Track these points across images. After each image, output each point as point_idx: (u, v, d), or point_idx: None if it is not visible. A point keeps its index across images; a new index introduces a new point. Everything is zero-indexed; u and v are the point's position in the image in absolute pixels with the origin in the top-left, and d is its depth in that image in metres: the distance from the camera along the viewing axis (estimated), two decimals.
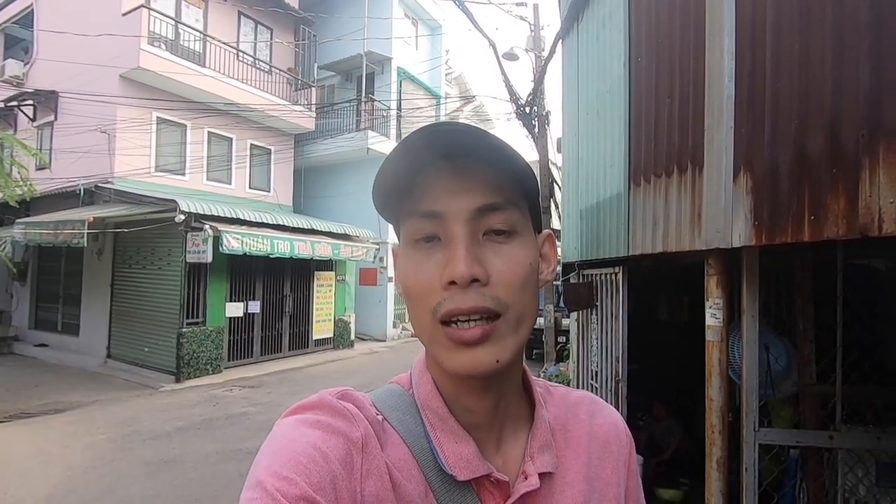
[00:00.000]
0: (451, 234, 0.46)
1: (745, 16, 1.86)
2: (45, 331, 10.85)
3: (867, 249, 2.55)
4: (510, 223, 0.48)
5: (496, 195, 0.47)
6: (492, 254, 0.46)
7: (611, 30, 3.24)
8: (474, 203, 0.46)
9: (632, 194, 2.83)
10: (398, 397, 0.53)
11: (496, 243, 0.47)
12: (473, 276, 0.44)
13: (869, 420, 2.35)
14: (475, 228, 0.46)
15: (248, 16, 11.57)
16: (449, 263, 0.45)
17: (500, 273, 0.46)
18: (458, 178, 0.46)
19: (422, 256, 0.47)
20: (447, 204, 0.46)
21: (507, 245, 0.47)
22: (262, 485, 0.39)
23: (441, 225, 0.47)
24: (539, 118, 8.46)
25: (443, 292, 0.45)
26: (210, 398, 7.06)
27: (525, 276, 0.47)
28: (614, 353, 3.21)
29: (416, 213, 0.48)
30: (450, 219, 0.46)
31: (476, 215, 0.46)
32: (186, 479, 4.27)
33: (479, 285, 0.45)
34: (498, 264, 0.46)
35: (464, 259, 0.44)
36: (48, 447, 5.00)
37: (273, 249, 8.51)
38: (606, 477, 0.57)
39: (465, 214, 0.46)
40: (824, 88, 1.56)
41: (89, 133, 9.15)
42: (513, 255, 0.47)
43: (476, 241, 0.46)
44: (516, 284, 0.46)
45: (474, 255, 0.45)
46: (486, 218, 0.47)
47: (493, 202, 0.47)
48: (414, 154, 0.45)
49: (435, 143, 0.44)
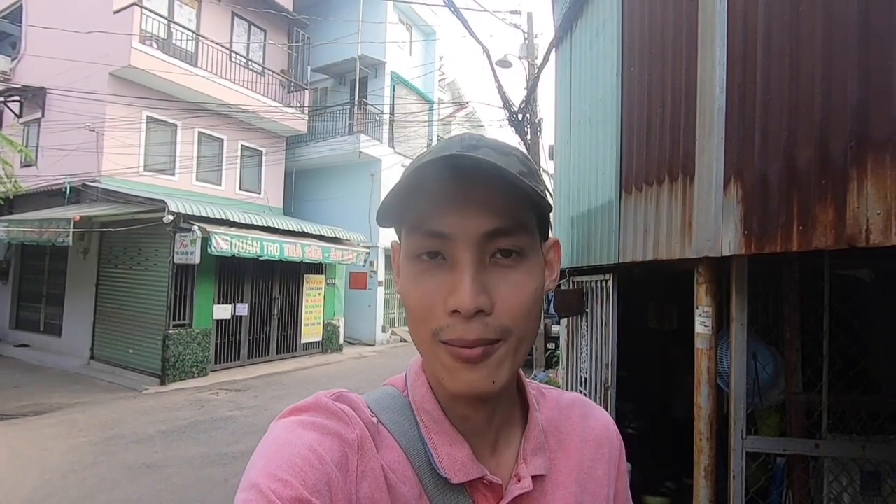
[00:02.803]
0: (458, 258, 0.45)
1: (737, 28, 1.89)
2: (26, 331, 10.64)
3: (853, 260, 2.59)
4: (519, 247, 0.46)
5: (506, 218, 0.45)
6: (498, 279, 0.45)
7: (604, 39, 3.27)
8: (483, 227, 0.45)
9: (623, 202, 2.85)
10: (393, 399, 0.53)
11: (503, 267, 0.46)
12: (478, 307, 0.43)
13: (854, 429, 2.37)
14: (482, 252, 0.45)
15: (241, 17, 11.52)
16: (454, 292, 0.44)
17: (505, 300, 0.45)
18: (468, 200, 0.45)
19: (425, 275, 0.46)
20: (455, 226, 0.45)
21: (514, 270, 0.46)
22: (257, 486, 0.38)
23: (447, 246, 0.45)
24: (531, 125, 8.52)
25: (446, 318, 0.44)
26: (195, 401, 6.96)
27: (530, 302, 0.46)
28: (604, 359, 3.23)
29: (422, 230, 0.46)
30: (457, 242, 0.45)
31: (484, 239, 0.45)
32: (170, 484, 4.19)
33: (483, 315, 0.44)
34: (503, 291, 0.45)
35: (469, 290, 0.43)
36: (26, 450, 4.88)
37: (262, 252, 8.45)
38: (598, 478, 0.57)
39: (473, 238, 0.45)
40: (813, 100, 1.59)
41: (77, 130, 9.03)
42: (519, 281, 0.46)
43: (482, 266, 0.45)
44: (521, 312, 0.46)
45: (480, 283, 0.44)
46: (494, 241, 0.45)
47: (502, 226, 0.45)
48: (425, 174, 0.43)
49: (447, 168, 0.43)
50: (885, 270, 2.68)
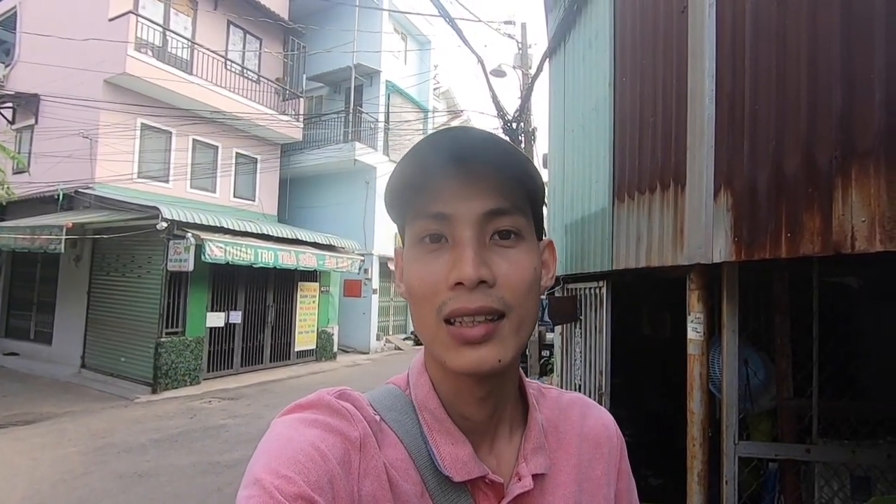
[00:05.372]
0: (459, 236, 0.47)
1: (725, 40, 1.94)
2: (16, 339, 10.51)
3: (841, 267, 2.63)
4: (517, 228, 0.49)
5: (504, 199, 0.48)
6: (498, 257, 0.47)
7: (597, 50, 3.33)
8: (482, 207, 0.47)
9: (616, 210, 2.89)
10: (395, 398, 0.54)
11: (502, 247, 0.48)
12: (481, 277, 0.45)
13: (844, 434, 2.40)
14: (482, 232, 0.47)
15: (237, 25, 11.57)
16: (456, 265, 0.45)
17: (506, 276, 0.47)
18: (467, 181, 0.47)
19: (428, 256, 0.48)
20: (455, 207, 0.47)
21: (513, 249, 0.48)
22: (260, 482, 0.38)
23: (449, 227, 0.47)
24: (525, 134, 8.59)
25: (449, 292, 0.46)
26: (188, 410, 6.89)
27: (530, 279, 0.48)
28: (598, 366, 3.24)
29: (425, 213, 0.48)
30: (458, 221, 0.47)
31: (484, 219, 0.47)
32: (162, 493, 4.14)
33: (486, 286, 0.45)
34: (504, 268, 0.47)
35: (472, 261, 0.45)
36: (15, 459, 4.81)
37: (256, 259, 8.42)
38: (596, 478, 0.57)
39: (473, 217, 0.47)
40: (799, 111, 1.63)
41: (71, 137, 9.00)
42: (518, 259, 0.48)
43: (483, 245, 0.47)
44: (521, 288, 0.47)
45: (481, 257, 0.46)
46: (493, 222, 0.48)
47: (500, 206, 0.47)
48: (424, 155, 0.46)
49: (445, 145, 0.45)
50: (872, 277, 2.72)
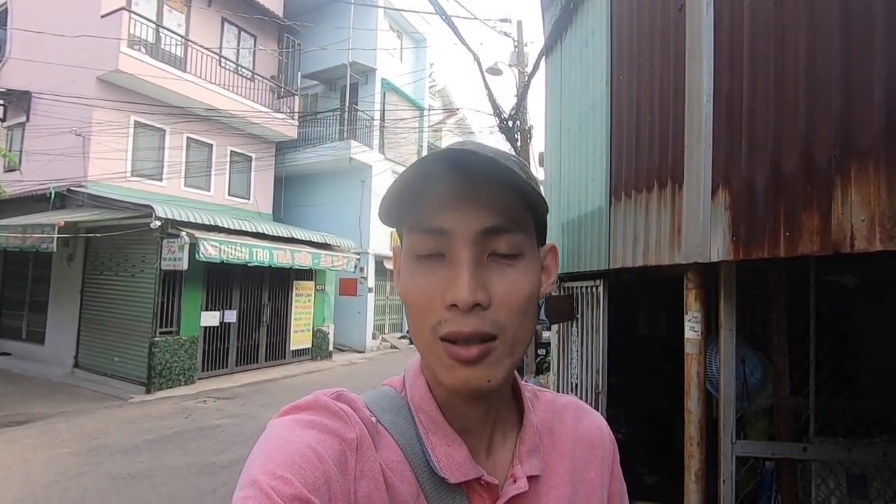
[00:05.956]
0: (456, 254, 0.46)
1: (723, 38, 1.93)
2: (8, 339, 10.40)
3: (838, 266, 2.64)
4: (516, 246, 0.48)
5: (503, 217, 0.47)
6: (495, 276, 0.47)
7: (593, 48, 3.31)
8: (481, 224, 0.46)
9: (613, 209, 2.88)
10: (391, 400, 0.54)
11: (500, 265, 0.47)
12: (475, 301, 0.44)
13: (840, 432, 2.41)
14: (480, 249, 0.47)
15: (231, 22, 11.48)
16: (452, 286, 0.45)
17: (502, 296, 0.46)
18: (467, 198, 0.46)
19: (425, 272, 0.48)
20: (453, 223, 0.46)
21: (511, 268, 0.48)
22: (256, 483, 0.38)
23: (446, 243, 0.47)
24: (522, 132, 8.57)
25: (444, 312, 0.46)
26: (182, 410, 6.85)
27: (526, 300, 0.48)
28: (595, 365, 3.24)
29: (422, 228, 0.48)
30: (455, 238, 0.46)
31: (482, 237, 0.46)
32: (156, 494, 4.11)
33: (480, 309, 0.45)
34: (500, 288, 0.46)
35: (467, 284, 0.44)
36: (8, 461, 4.76)
37: (251, 258, 8.37)
38: (590, 480, 0.58)
39: (470, 235, 0.46)
40: (798, 109, 1.62)
41: (63, 135, 8.91)
42: (516, 278, 0.47)
43: (480, 263, 0.46)
44: (516, 309, 0.47)
45: (478, 278, 0.45)
46: (491, 240, 0.47)
47: (499, 224, 0.47)
48: (426, 165, 0.45)
49: (446, 163, 0.44)
50: (869, 277, 2.73)
